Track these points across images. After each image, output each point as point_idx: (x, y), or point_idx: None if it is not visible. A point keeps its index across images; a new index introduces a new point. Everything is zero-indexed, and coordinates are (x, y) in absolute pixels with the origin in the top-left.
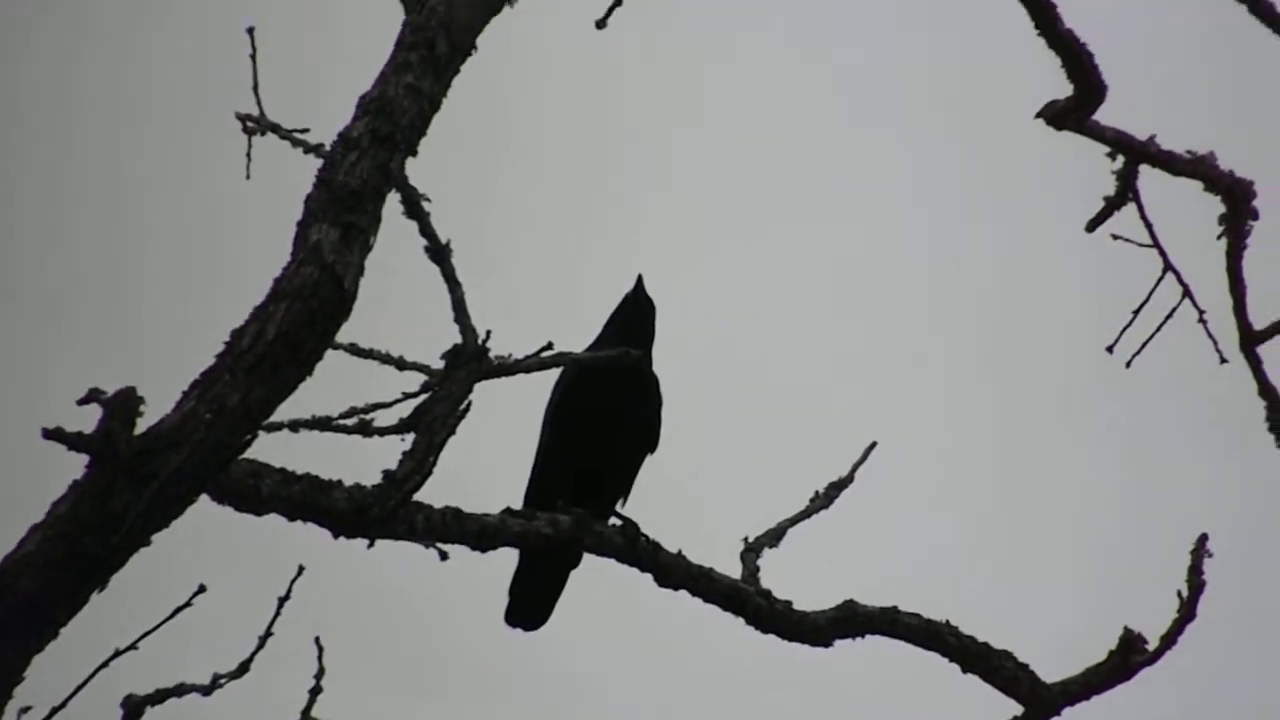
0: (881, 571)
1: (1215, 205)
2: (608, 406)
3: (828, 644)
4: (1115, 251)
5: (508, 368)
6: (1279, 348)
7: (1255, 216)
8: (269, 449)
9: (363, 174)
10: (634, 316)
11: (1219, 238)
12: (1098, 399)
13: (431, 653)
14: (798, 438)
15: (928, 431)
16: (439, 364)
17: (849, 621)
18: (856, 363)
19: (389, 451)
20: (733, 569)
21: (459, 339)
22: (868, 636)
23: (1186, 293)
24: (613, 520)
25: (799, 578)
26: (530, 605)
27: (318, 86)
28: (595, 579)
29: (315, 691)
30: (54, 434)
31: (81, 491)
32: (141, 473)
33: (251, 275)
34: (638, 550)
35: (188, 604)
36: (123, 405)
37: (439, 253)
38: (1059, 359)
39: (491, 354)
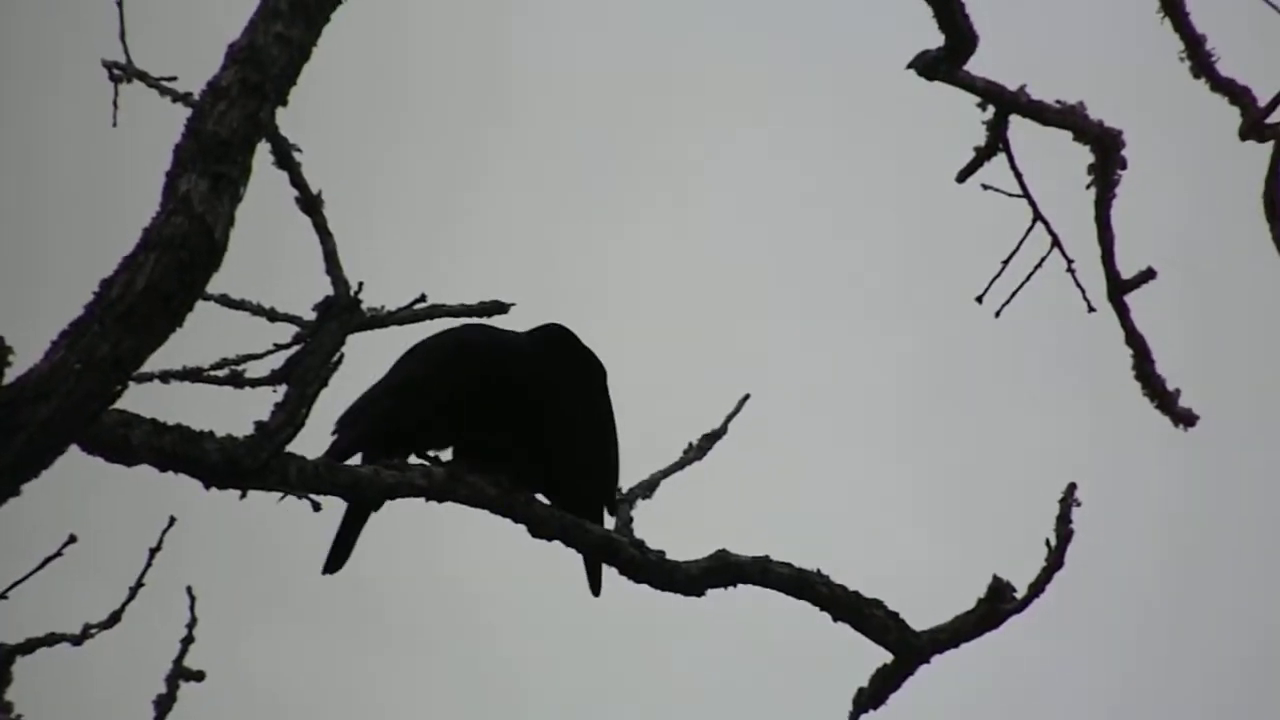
0: (754, 522)
1: (1085, 155)
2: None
3: (700, 593)
4: (986, 202)
5: (380, 319)
6: (1146, 297)
7: (1124, 166)
8: (140, 401)
9: (232, 124)
10: None
11: (1088, 187)
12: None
13: (304, 601)
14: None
15: (800, 380)
16: (311, 316)
17: (721, 571)
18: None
19: (261, 403)
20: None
21: (331, 291)
22: (740, 586)
23: (1056, 242)
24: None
25: (672, 529)
26: (337, 550)
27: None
28: (469, 528)
29: (187, 641)
30: None
31: None
32: (9, 423)
33: (120, 225)
34: (511, 501)
35: (58, 554)
36: None
37: (310, 203)
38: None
39: (364, 306)
